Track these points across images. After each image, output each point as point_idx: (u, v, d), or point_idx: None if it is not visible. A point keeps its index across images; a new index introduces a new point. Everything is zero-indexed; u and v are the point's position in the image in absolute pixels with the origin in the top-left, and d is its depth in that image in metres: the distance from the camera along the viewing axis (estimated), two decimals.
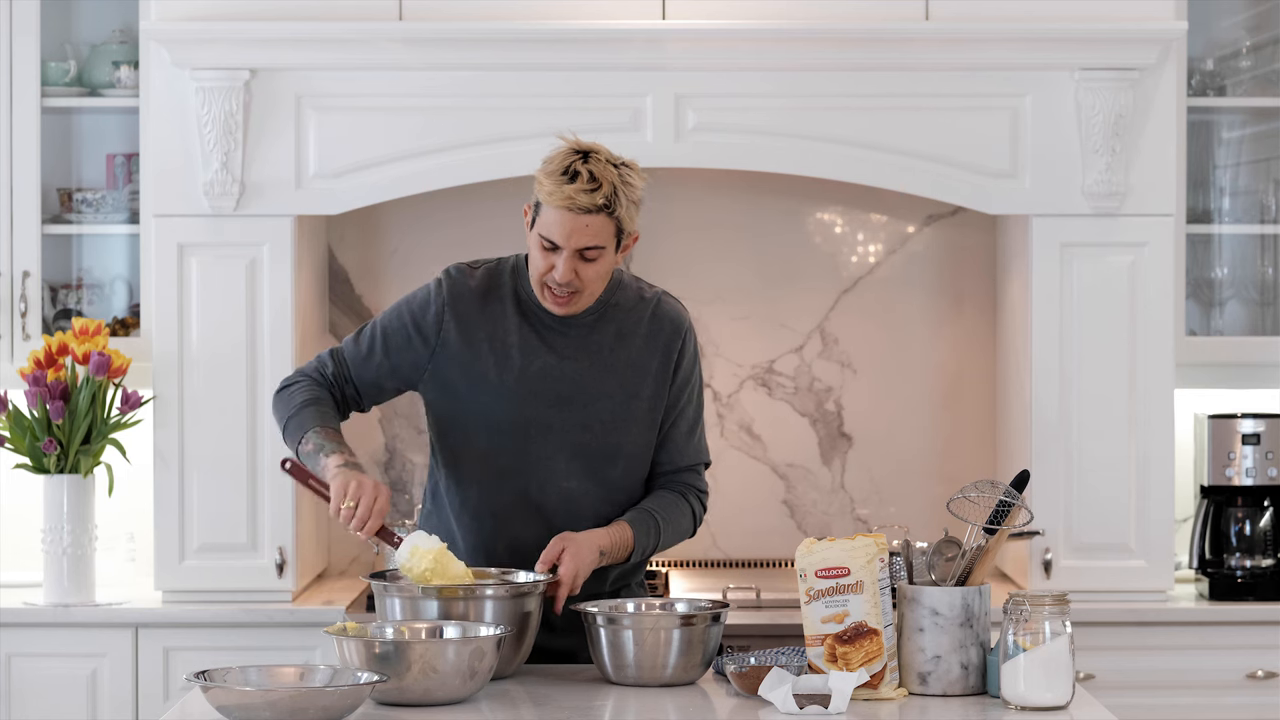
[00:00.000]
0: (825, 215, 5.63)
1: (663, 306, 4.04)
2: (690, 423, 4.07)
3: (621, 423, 3.98)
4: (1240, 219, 5.50)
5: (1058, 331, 5.15)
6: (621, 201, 3.83)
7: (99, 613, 5.07)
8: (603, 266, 3.88)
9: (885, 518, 5.60)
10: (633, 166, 3.88)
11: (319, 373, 4.07)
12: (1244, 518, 5.29)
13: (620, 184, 3.83)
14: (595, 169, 3.81)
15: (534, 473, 3.96)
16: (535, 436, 3.96)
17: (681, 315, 4.06)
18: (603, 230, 3.84)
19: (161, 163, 5.11)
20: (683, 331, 4.04)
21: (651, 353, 4.00)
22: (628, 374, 3.98)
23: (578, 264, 3.85)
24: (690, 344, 4.05)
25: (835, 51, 5.07)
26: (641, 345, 3.99)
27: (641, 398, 3.99)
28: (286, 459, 3.92)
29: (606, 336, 3.98)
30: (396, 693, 3.51)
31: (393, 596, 3.79)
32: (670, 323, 4.03)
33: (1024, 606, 3.54)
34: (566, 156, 3.84)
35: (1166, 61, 5.11)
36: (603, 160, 3.83)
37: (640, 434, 4.00)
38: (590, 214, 3.81)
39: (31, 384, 5.06)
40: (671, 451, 4.05)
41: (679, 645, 3.71)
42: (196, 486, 5.11)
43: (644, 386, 3.99)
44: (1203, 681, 5.10)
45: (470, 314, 3.97)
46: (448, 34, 5.05)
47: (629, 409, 3.98)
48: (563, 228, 3.82)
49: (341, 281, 5.61)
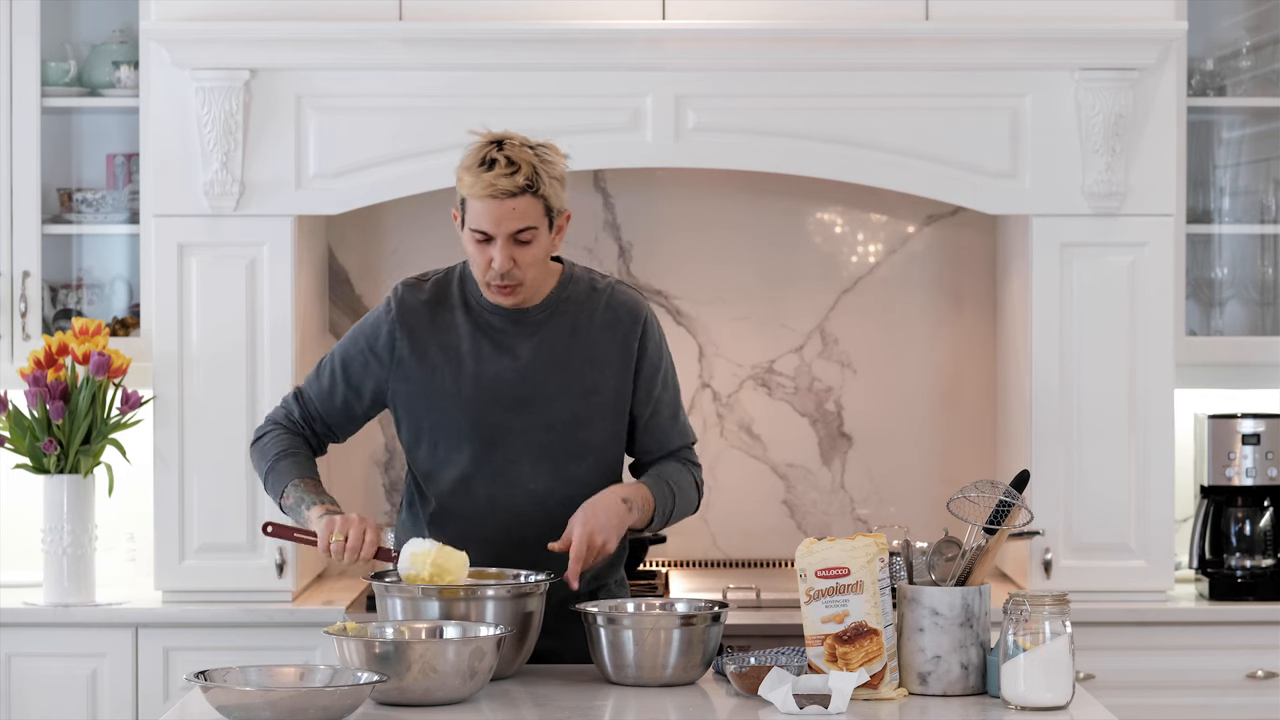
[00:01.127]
0: (825, 215, 5.63)
1: (617, 296, 4.03)
2: (672, 408, 4.07)
3: (585, 419, 3.97)
4: (1240, 219, 5.50)
5: (1058, 331, 5.15)
6: (543, 179, 3.85)
7: (99, 613, 5.07)
8: (539, 249, 3.89)
9: (885, 518, 5.60)
10: (550, 146, 3.91)
11: (288, 419, 4.10)
12: (1244, 518, 5.29)
13: (539, 162, 3.85)
14: (511, 153, 3.84)
15: (500, 477, 3.98)
16: (498, 442, 3.97)
17: (638, 302, 4.04)
18: (530, 211, 3.85)
19: (161, 163, 5.11)
20: (640, 318, 4.02)
21: (610, 345, 3.99)
22: (586, 369, 3.97)
23: (514, 250, 3.87)
24: (652, 329, 4.04)
25: (835, 51, 5.07)
26: (598, 338, 3.99)
27: (603, 392, 3.98)
28: (267, 523, 3.95)
29: (561, 332, 3.98)
30: (397, 693, 3.52)
31: (393, 596, 3.79)
32: (627, 312, 4.01)
33: (1024, 606, 3.54)
34: (481, 148, 3.87)
35: (1166, 61, 5.11)
36: (517, 144, 3.86)
37: (606, 428, 3.99)
38: (514, 197, 3.83)
39: (31, 384, 5.06)
40: (659, 437, 4.05)
41: (679, 645, 3.71)
42: (196, 486, 5.11)
43: (605, 380, 3.98)
44: (1203, 681, 5.10)
45: (421, 328, 4.00)
46: (447, 34, 5.05)
47: (591, 404, 3.97)
48: (490, 216, 3.84)
49: (341, 281, 5.61)
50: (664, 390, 4.05)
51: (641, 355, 4.01)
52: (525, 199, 3.84)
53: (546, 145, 3.91)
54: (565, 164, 3.92)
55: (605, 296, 4.02)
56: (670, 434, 4.07)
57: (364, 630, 3.64)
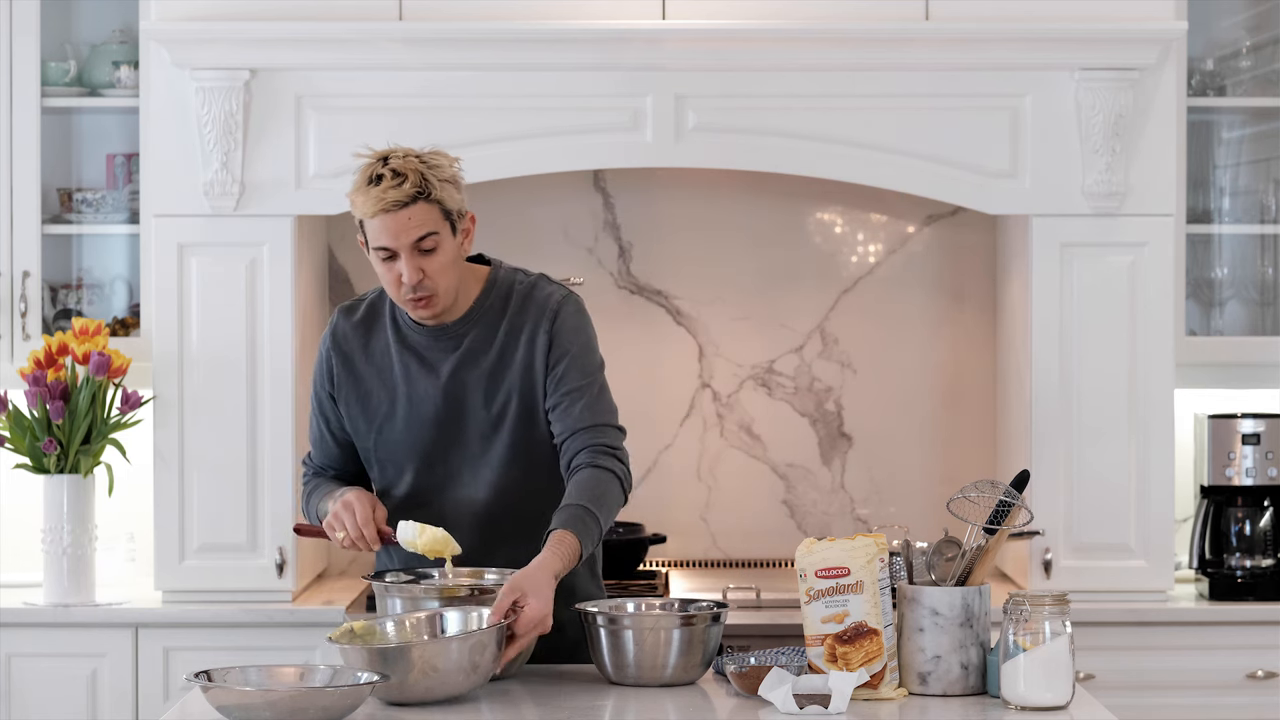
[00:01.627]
0: (825, 215, 5.63)
1: (533, 292, 3.99)
2: (579, 388, 3.94)
3: (515, 422, 3.96)
4: (1240, 219, 5.50)
5: (1058, 331, 5.14)
6: (432, 183, 3.83)
7: (99, 613, 5.07)
8: (446, 256, 3.87)
9: (885, 518, 5.60)
10: (437, 152, 3.89)
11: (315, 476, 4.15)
12: (1244, 518, 5.29)
13: (425, 168, 3.84)
14: (396, 165, 3.83)
15: (443, 493, 3.99)
16: (435, 460, 3.98)
17: (550, 295, 3.99)
18: (427, 217, 3.83)
19: (161, 163, 5.11)
20: (549, 310, 3.97)
21: (521, 343, 3.96)
22: (505, 372, 3.96)
23: (420, 260, 3.85)
24: (565, 317, 3.96)
25: (835, 51, 5.07)
26: (511, 341, 3.96)
27: (526, 388, 3.95)
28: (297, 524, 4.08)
29: (479, 342, 3.97)
30: (398, 691, 3.51)
31: (393, 596, 3.79)
32: (536, 306, 3.97)
33: (1024, 606, 3.54)
34: (367, 167, 3.86)
35: (1166, 61, 5.11)
36: (401, 155, 3.85)
37: (533, 428, 3.97)
38: (406, 207, 3.81)
39: (31, 384, 5.06)
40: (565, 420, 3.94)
41: (679, 645, 3.71)
42: (196, 486, 5.11)
43: (524, 378, 3.95)
44: (1203, 681, 5.10)
45: (355, 353, 4.02)
46: (447, 34, 5.05)
47: (518, 406, 3.95)
48: (388, 230, 3.82)
49: (341, 281, 5.61)
50: (570, 371, 3.95)
51: (551, 345, 3.95)
52: (419, 206, 3.82)
53: (433, 152, 3.89)
54: (456, 167, 3.89)
55: (521, 297, 3.99)
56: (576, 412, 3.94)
57: (372, 630, 3.65)
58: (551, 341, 3.96)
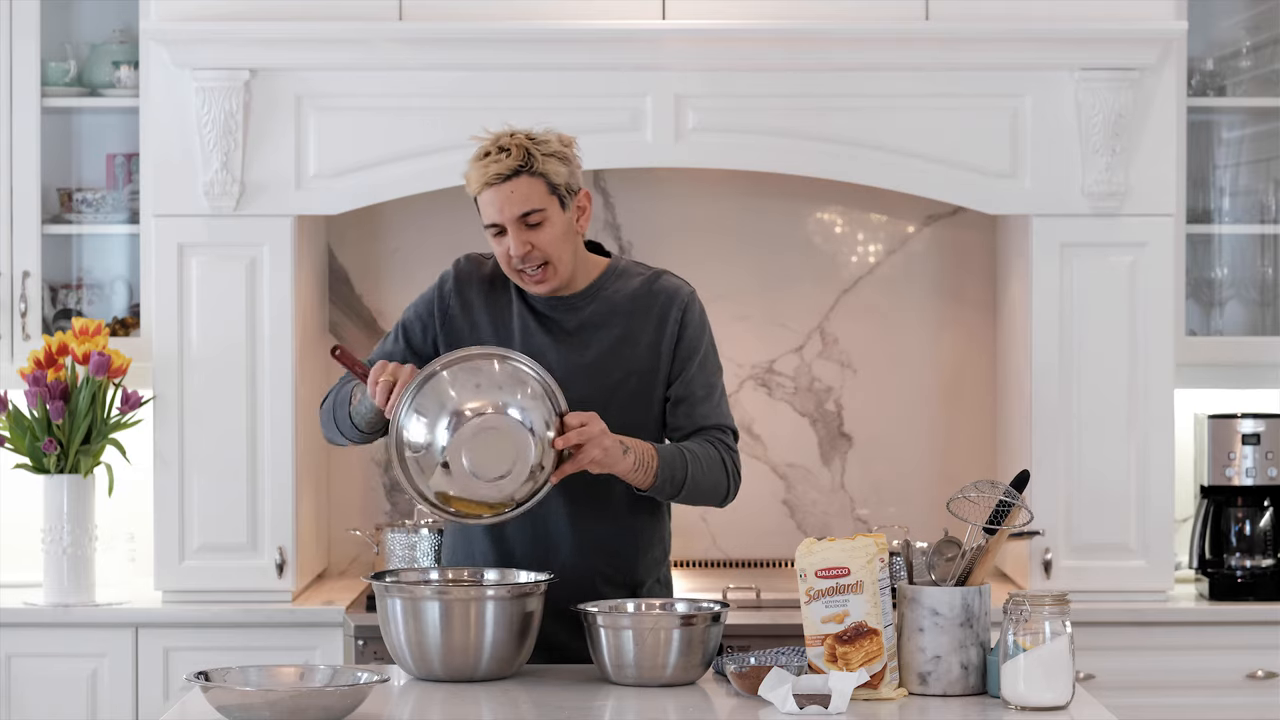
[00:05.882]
0: (825, 215, 5.63)
1: (659, 282, 4.03)
2: (706, 389, 4.02)
3: (629, 400, 3.96)
4: (1240, 219, 5.51)
5: (1058, 331, 5.15)
6: (536, 157, 3.87)
7: (99, 613, 5.07)
8: (554, 230, 3.90)
9: (885, 518, 5.60)
10: (551, 130, 3.94)
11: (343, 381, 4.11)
12: (1244, 518, 5.29)
13: (530, 143, 3.88)
14: (502, 141, 3.89)
15: None
16: None
17: (678, 287, 4.03)
18: (532, 191, 3.87)
19: (161, 163, 5.11)
20: (678, 302, 4.01)
21: (644, 327, 3.99)
22: (621, 350, 3.97)
23: (526, 234, 3.88)
24: (693, 313, 4.02)
25: (835, 51, 5.07)
26: (634, 321, 3.98)
27: (648, 369, 3.98)
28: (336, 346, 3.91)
29: (599, 318, 3.99)
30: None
31: (393, 596, 3.79)
32: (665, 295, 4.01)
33: (1024, 606, 3.54)
34: (480, 147, 3.91)
35: (1166, 61, 5.11)
36: (510, 134, 3.90)
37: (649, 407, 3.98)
38: (509, 179, 3.86)
39: (31, 384, 5.06)
40: (689, 414, 3.99)
41: (679, 645, 3.71)
42: (196, 486, 5.11)
43: (636, 362, 3.97)
44: (1203, 681, 5.10)
45: (474, 296, 4.02)
46: (447, 34, 5.05)
47: (636, 385, 3.97)
48: (493, 204, 3.88)
49: (341, 281, 5.61)
50: (699, 372, 4.01)
51: (679, 339, 4.00)
52: (522, 180, 3.86)
53: (546, 131, 3.94)
54: (570, 147, 3.92)
55: (647, 282, 4.03)
56: (701, 411, 4.01)
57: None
58: (681, 332, 4.00)
